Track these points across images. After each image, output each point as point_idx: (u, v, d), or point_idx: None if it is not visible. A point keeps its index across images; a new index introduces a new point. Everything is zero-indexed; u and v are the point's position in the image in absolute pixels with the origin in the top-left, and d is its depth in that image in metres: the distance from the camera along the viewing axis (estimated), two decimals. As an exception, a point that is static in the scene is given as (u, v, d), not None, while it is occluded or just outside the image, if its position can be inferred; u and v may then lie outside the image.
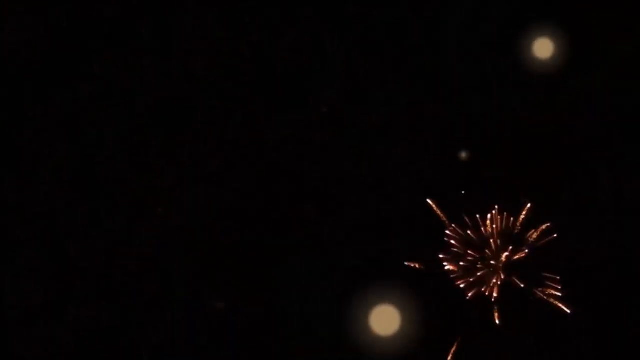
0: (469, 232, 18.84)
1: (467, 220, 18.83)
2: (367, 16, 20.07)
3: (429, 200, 18.86)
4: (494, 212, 18.63)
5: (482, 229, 18.71)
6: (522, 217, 18.66)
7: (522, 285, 18.53)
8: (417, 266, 18.86)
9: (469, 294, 18.71)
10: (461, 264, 18.78)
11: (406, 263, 18.81)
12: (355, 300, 18.98)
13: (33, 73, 19.69)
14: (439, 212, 18.88)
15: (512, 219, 18.71)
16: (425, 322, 18.75)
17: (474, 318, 18.83)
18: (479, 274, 18.75)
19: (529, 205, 18.68)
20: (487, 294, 18.71)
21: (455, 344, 18.58)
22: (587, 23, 19.72)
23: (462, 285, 18.71)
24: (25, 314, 19.13)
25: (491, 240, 18.66)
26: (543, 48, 19.59)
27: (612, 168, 19.73)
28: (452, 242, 18.90)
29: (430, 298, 18.78)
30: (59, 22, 19.75)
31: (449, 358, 18.61)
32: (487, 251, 18.71)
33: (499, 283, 18.63)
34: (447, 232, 18.88)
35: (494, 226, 18.65)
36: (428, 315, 18.73)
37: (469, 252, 18.80)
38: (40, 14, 19.68)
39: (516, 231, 18.65)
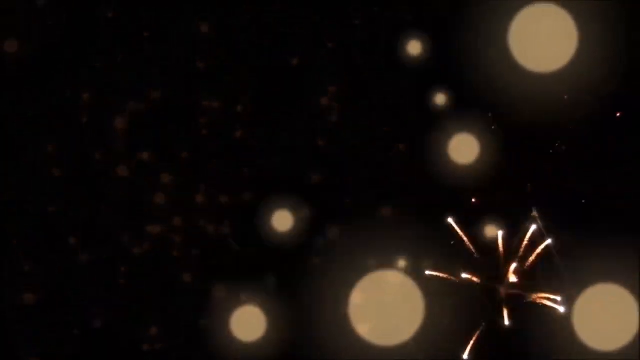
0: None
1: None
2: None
3: (450, 220, 19.42)
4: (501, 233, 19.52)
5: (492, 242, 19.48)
6: (529, 232, 19.36)
7: (527, 294, 19.47)
8: (437, 275, 19.52)
9: (481, 300, 19.65)
10: (475, 273, 19.63)
11: (427, 272, 19.46)
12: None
13: (33, 72, 19.72)
14: (457, 229, 19.42)
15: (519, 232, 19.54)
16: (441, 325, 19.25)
17: (485, 321, 19.64)
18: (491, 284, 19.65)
19: (533, 226, 19.36)
20: (496, 300, 19.57)
21: (470, 344, 19.26)
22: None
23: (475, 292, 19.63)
24: (24, 313, 19.18)
25: (500, 255, 19.37)
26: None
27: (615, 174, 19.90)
28: (467, 253, 19.67)
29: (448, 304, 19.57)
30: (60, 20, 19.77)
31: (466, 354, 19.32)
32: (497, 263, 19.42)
33: (507, 290, 19.39)
34: (462, 241, 19.62)
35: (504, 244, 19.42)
36: (443, 319, 19.38)
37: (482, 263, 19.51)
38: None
39: (523, 244, 19.30)
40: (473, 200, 19.87)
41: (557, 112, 19.81)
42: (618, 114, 19.88)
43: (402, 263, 19.38)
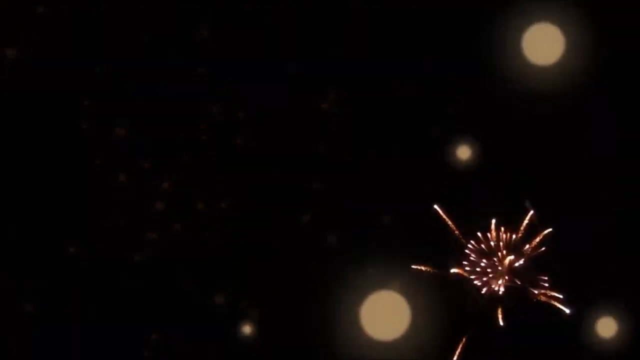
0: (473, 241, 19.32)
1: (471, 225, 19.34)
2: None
3: (436, 207, 19.15)
4: (494, 221, 19.10)
5: (487, 234, 19.21)
6: (525, 222, 19.13)
7: (524, 288, 19.10)
8: (422, 269, 19.17)
9: (474, 297, 19.29)
10: (467, 268, 19.27)
11: (413, 266, 19.13)
12: (359, 303, 19.29)
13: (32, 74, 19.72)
14: (445, 217, 19.18)
15: (515, 224, 19.23)
16: (430, 323, 19.12)
17: (479, 320, 19.35)
18: (484, 278, 19.23)
19: (531, 212, 19.13)
20: (491, 296, 19.26)
21: (461, 344, 18.97)
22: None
23: (467, 288, 19.23)
24: (24, 318, 19.28)
25: (494, 246, 19.14)
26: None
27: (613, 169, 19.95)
28: (460, 247, 19.38)
29: (436, 301, 19.20)
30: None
31: (455, 357, 19.01)
32: (491, 256, 19.18)
33: (502, 287, 19.07)
34: (454, 236, 19.27)
35: (499, 233, 19.16)
36: (434, 316, 19.11)
37: (474, 256, 19.22)
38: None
39: (519, 235, 19.13)
40: (468, 195, 19.84)
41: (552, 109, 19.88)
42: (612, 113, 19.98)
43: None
